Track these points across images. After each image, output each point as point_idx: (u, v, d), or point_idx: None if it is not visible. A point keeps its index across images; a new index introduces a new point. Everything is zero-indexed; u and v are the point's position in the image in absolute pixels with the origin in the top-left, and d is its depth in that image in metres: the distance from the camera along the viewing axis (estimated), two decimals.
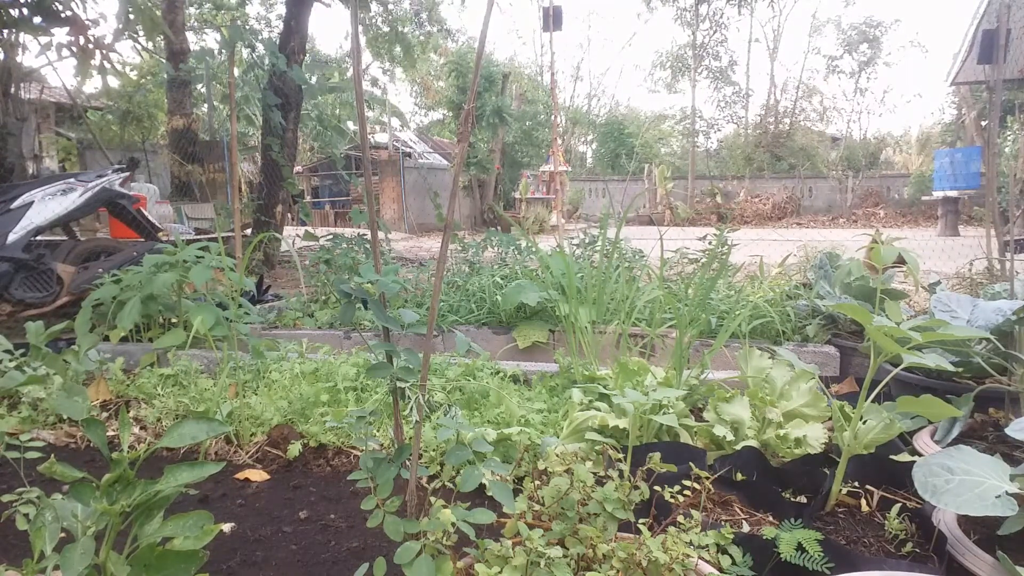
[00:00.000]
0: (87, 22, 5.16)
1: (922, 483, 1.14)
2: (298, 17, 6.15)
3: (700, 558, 1.14)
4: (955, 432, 1.65)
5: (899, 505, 1.36)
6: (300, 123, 6.64)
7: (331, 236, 4.04)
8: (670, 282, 3.43)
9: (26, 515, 1.19)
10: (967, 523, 1.27)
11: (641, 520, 1.22)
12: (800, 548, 1.17)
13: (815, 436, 1.68)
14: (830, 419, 1.75)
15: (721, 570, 1.17)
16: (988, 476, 1.11)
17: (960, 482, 1.11)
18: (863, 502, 1.47)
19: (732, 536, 1.23)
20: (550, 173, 15.43)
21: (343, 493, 1.79)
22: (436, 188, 15.78)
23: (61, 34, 5.15)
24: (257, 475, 1.91)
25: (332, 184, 21.42)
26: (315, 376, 2.41)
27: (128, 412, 2.27)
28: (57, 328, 2.62)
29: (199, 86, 11.46)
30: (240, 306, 2.76)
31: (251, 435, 2.10)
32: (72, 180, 4.20)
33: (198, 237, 6.62)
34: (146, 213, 5.01)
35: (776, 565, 1.20)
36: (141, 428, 2.22)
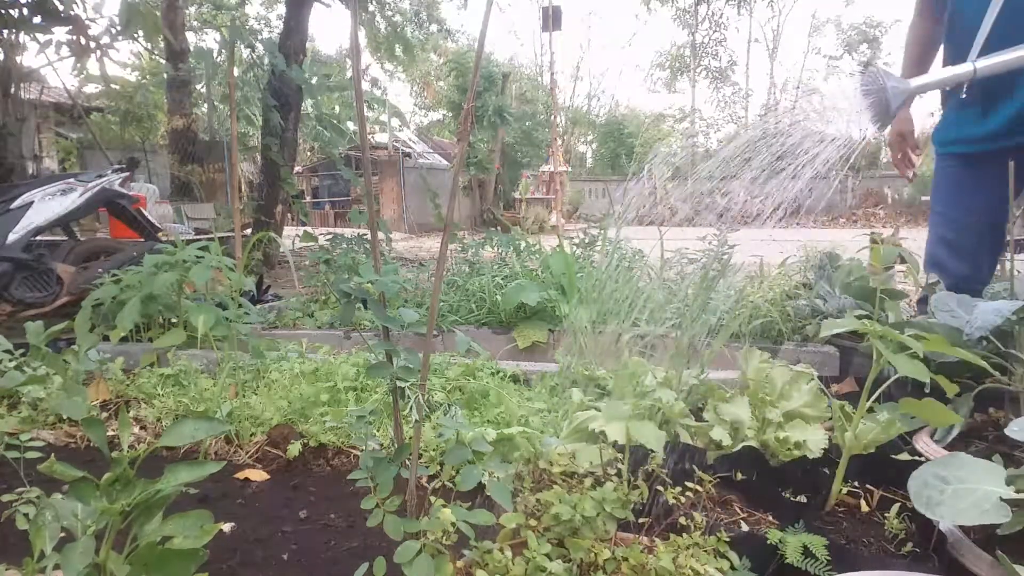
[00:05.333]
0: (87, 21, 5.16)
1: (917, 496, 1.14)
2: (298, 17, 6.15)
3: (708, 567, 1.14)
4: (955, 432, 1.65)
5: (899, 505, 1.36)
6: (300, 123, 6.65)
7: (331, 236, 4.03)
8: (670, 282, 3.43)
9: (26, 515, 1.19)
10: None
11: (641, 519, 1.23)
12: (806, 552, 1.16)
13: (815, 441, 1.64)
14: (830, 419, 1.75)
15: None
16: (983, 482, 1.11)
17: (955, 491, 1.11)
18: (863, 502, 1.47)
19: (732, 538, 1.23)
20: (550, 173, 15.45)
21: (343, 493, 1.79)
22: (436, 188, 15.78)
23: (60, 33, 5.15)
24: (257, 475, 1.90)
25: (332, 184, 21.42)
26: (315, 376, 2.41)
27: (128, 412, 2.28)
28: (57, 328, 2.62)
29: (199, 86, 11.47)
30: (240, 306, 2.76)
31: (251, 435, 2.09)
32: (72, 180, 4.20)
33: (198, 237, 6.63)
34: (146, 213, 5.01)
35: (777, 564, 1.20)
36: (141, 428, 2.22)
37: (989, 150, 2.00)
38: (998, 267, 2.69)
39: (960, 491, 1.10)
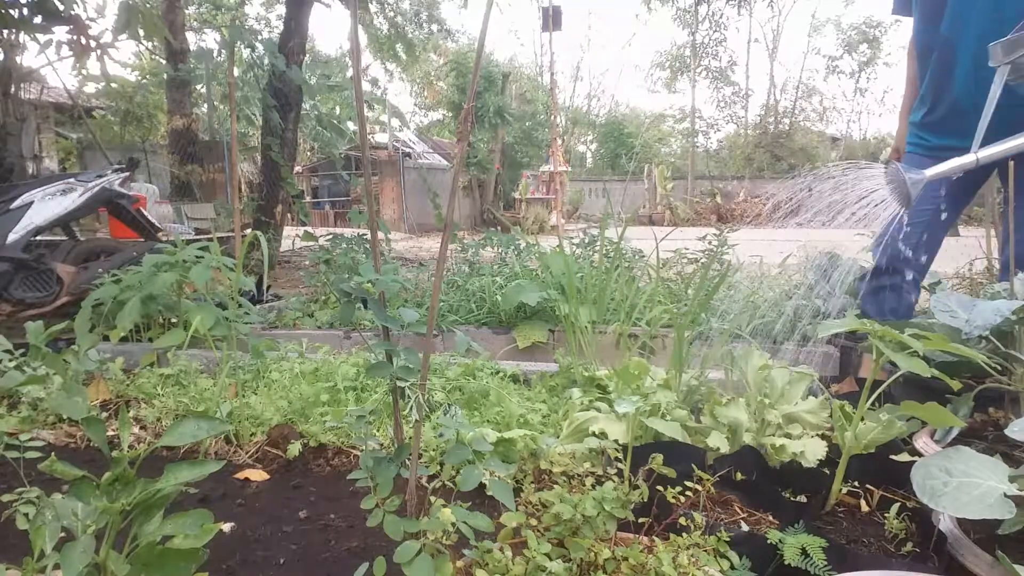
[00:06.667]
0: (87, 21, 5.16)
1: (920, 486, 1.14)
2: (298, 17, 6.15)
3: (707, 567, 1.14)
4: (955, 432, 1.65)
5: (899, 504, 1.36)
6: (300, 123, 6.64)
7: (331, 236, 4.03)
8: (670, 282, 3.44)
9: (26, 514, 1.19)
10: (967, 522, 1.27)
11: (641, 519, 1.23)
12: (804, 553, 1.16)
13: (813, 451, 1.62)
14: (830, 417, 1.75)
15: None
16: (987, 478, 1.11)
17: (959, 484, 1.11)
18: (863, 502, 1.47)
19: (732, 538, 1.23)
20: (550, 173, 15.44)
21: (343, 493, 1.79)
22: (436, 188, 15.76)
23: (61, 33, 5.15)
24: (257, 475, 1.90)
25: (332, 184, 21.42)
26: (315, 376, 2.41)
27: (128, 412, 2.27)
28: (57, 328, 2.62)
29: (199, 86, 11.47)
30: (240, 306, 2.76)
31: (251, 435, 2.10)
32: (72, 180, 4.19)
33: (198, 237, 6.62)
34: (146, 213, 5.00)
35: (776, 564, 1.20)
36: (141, 428, 2.22)
37: (936, 157, 2.35)
38: (997, 267, 2.79)
39: (964, 484, 1.10)
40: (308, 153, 20.83)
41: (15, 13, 4.85)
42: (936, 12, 2.26)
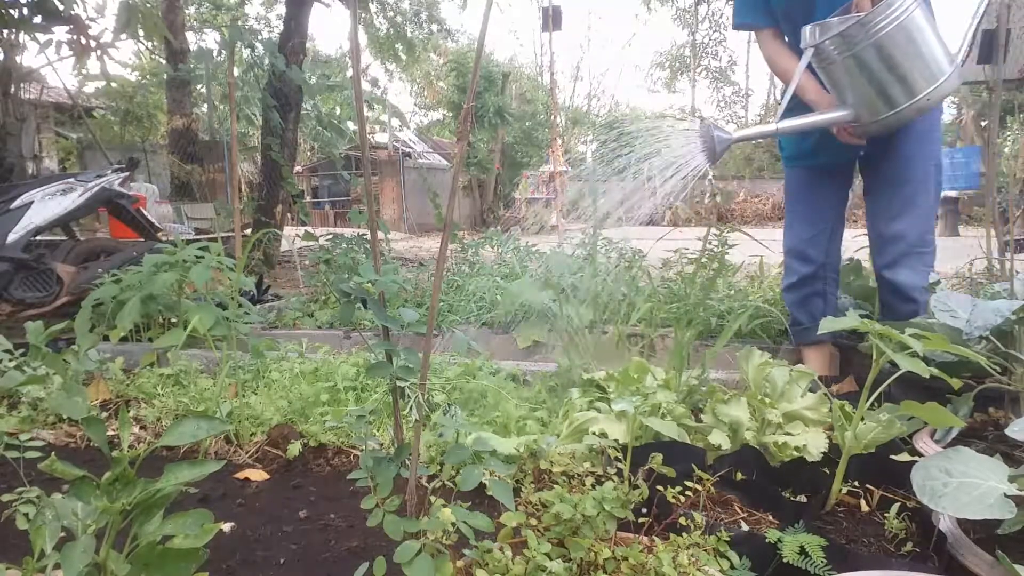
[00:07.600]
0: (87, 21, 5.16)
1: (920, 486, 1.14)
2: (298, 17, 6.15)
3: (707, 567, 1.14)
4: (955, 432, 1.65)
5: (899, 504, 1.36)
6: (300, 123, 6.64)
7: (331, 236, 4.03)
8: (670, 282, 3.43)
9: (26, 514, 1.19)
10: (967, 522, 1.27)
11: (641, 518, 1.23)
12: (803, 552, 1.16)
13: (815, 445, 1.64)
14: (830, 414, 1.75)
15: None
16: (987, 478, 1.11)
17: (959, 485, 1.11)
18: (863, 502, 1.47)
19: (732, 538, 1.23)
20: (550, 173, 15.44)
21: (343, 493, 1.79)
22: (436, 188, 15.77)
23: (61, 33, 5.15)
24: (257, 475, 1.90)
25: (332, 184, 21.42)
26: (315, 376, 2.41)
27: (128, 412, 2.27)
28: (57, 328, 2.62)
29: (199, 86, 11.47)
30: (240, 306, 2.76)
31: (251, 435, 2.09)
32: (72, 180, 4.20)
33: (198, 237, 6.62)
34: (146, 213, 5.01)
35: (777, 563, 1.20)
36: (141, 428, 2.22)
37: (814, 164, 2.48)
38: (997, 267, 2.75)
39: (964, 485, 1.09)
40: (308, 153, 20.83)
41: (15, 13, 4.85)
42: (804, 19, 2.22)
